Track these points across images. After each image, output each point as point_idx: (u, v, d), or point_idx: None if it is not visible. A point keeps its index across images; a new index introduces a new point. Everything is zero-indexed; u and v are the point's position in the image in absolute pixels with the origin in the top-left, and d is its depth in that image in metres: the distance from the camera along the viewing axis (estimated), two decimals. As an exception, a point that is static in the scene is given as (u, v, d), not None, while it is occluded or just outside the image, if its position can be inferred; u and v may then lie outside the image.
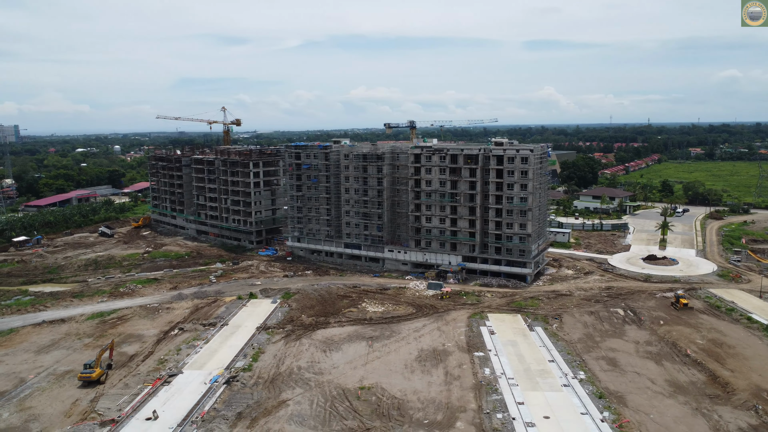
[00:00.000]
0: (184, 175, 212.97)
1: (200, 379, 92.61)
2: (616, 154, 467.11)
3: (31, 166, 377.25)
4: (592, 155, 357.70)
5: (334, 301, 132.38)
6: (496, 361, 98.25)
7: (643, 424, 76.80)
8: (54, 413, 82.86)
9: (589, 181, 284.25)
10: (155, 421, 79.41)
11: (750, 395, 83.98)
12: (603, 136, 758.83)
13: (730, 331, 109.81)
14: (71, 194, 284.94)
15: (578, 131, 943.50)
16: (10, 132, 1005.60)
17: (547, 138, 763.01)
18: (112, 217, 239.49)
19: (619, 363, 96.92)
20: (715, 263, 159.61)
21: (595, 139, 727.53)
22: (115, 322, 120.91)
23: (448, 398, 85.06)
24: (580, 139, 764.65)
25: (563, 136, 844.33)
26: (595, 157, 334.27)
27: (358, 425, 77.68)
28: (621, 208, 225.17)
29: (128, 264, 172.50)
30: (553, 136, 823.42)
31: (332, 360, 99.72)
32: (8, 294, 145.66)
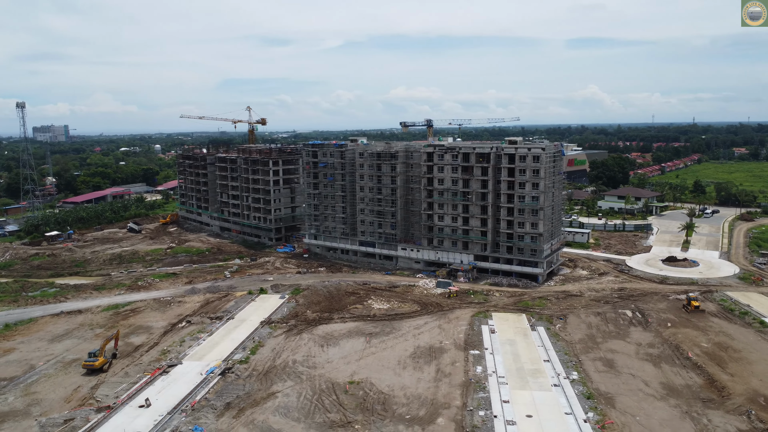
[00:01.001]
0: (209, 173, 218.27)
1: (198, 369, 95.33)
2: (654, 154, 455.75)
3: (72, 165, 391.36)
4: (623, 155, 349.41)
5: (341, 298, 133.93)
6: (491, 359, 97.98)
7: (627, 425, 75.63)
8: (55, 398, 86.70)
9: (619, 181, 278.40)
10: (147, 409, 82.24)
11: (746, 400, 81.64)
12: (644, 136, 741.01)
13: (739, 335, 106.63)
14: (106, 191, 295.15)
15: (620, 130, 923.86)
16: (61, 132, 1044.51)
17: (586, 137, 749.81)
18: (142, 214, 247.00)
19: (615, 364, 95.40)
20: (738, 266, 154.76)
21: (636, 139, 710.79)
22: (128, 314, 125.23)
23: (434, 395, 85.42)
24: (620, 138, 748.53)
25: (603, 135, 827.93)
26: (626, 156, 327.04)
27: (341, 418, 78.82)
28: (647, 209, 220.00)
29: (151, 259, 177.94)
30: (592, 136, 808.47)
31: (328, 355, 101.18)
32: (35, 286, 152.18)
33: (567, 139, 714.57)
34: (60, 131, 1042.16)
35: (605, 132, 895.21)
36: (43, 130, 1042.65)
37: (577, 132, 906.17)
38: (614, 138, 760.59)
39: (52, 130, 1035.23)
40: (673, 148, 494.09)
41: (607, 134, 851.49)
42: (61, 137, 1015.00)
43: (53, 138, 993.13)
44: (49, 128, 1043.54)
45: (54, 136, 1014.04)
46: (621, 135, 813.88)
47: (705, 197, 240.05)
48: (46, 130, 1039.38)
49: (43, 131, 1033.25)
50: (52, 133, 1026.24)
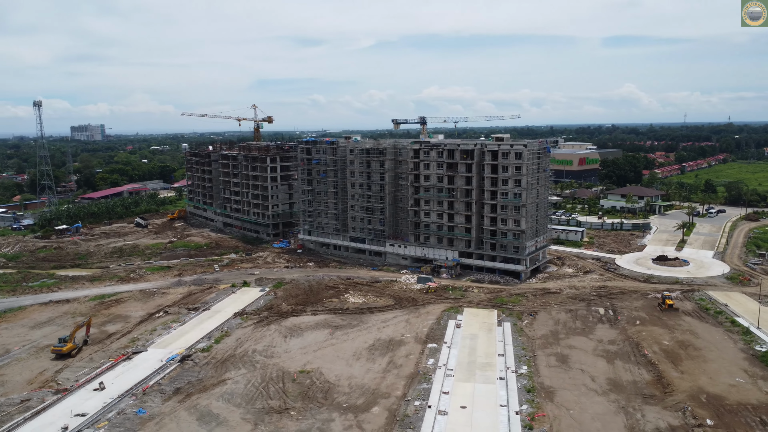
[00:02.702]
0: (213, 170, 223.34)
1: (160, 357, 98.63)
2: (677, 154, 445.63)
3: (98, 162, 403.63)
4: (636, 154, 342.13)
5: (319, 292, 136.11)
6: (446, 352, 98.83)
7: (557, 418, 75.83)
8: (20, 380, 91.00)
9: (630, 180, 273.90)
10: (101, 392, 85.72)
11: (687, 397, 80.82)
12: (674, 135, 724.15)
13: (705, 334, 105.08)
14: (123, 188, 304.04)
15: (651, 130, 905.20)
16: (97, 131, 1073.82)
17: (615, 137, 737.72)
18: (153, 210, 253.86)
19: (569, 360, 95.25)
20: (730, 266, 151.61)
21: (666, 138, 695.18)
22: (111, 304, 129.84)
23: (378, 385, 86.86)
24: (650, 138, 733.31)
25: (634, 135, 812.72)
26: (639, 155, 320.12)
27: (280, 405, 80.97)
28: (649, 208, 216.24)
29: (150, 252, 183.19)
30: (622, 135, 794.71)
31: (288, 345, 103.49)
32: (37, 276, 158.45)
33: (595, 138, 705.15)
34: (96, 130, 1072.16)
35: (636, 131, 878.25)
36: (80, 129, 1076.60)
37: (608, 131, 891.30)
38: (644, 138, 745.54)
39: (89, 129, 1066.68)
40: (698, 147, 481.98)
41: (638, 134, 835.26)
42: (98, 136, 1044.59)
43: (90, 137, 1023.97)
44: (87, 127, 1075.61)
45: (91, 135, 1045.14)
46: (652, 134, 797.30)
47: (716, 197, 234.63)
48: (83, 129, 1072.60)
49: (81, 130, 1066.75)
50: (89, 132, 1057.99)
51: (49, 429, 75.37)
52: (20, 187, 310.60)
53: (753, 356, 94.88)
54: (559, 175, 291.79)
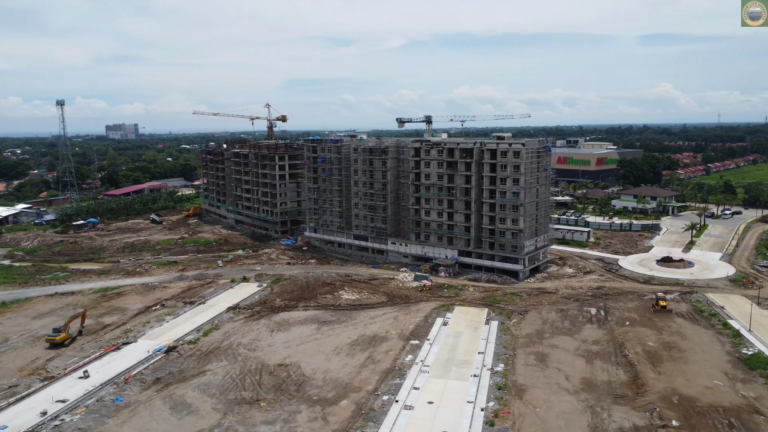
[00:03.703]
0: (226, 168, 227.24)
1: (148, 348, 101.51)
2: (704, 154, 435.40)
3: (124, 160, 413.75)
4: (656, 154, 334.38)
5: (315, 288, 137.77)
6: (426, 349, 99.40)
7: (522, 416, 75.85)
8: (12, 368, 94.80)
9: (649, 181, 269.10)
10: (85, 380, 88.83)
11: (659, 398, 79.89)
12: (707, 136, 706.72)
13: (694, 335, 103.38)
14: (145, 185, 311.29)
15: (684, 130, 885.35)
16: (131, 130, 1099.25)
17: (646, 137, 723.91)
18: (170, 207, 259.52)
19: (548, 359, 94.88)
20: (736, 268, 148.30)
21: (698, 139, 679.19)
22: (112, 297, 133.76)
23: (352, 379, 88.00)
24: (681, 138, 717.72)
25: (666, 135, 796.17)
26: (658, 156, 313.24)
27: (252, 396, 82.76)
28: (661, 209, 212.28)
29: (160, 248, 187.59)
30: (653, 135, 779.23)
31: (273, 339, 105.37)
32: (50, 270, 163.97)
33: (625, 139, 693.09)
34: (130, 129, 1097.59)
35: (668, 132, 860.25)
36: (115, 128, 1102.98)
37: (638, 132, 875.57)
38: (676, 138, 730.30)
39: (123, 128, 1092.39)
40: (728, 148, 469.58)
41: (669, 134, 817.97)
42: (131, 135, 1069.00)
43: (124, 136, 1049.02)
44: (121, 126, 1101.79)
45: (125, 134, 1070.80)
46: (685, 135, 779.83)
47: (734, 198, 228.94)
48: (117, 128, 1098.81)
49: (115, 129, 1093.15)
50: (123, 131, 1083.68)
51: (29, 414, 78.54)
52: (47, 184, 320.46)
53: (738, 359, 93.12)
54: (575, 175, 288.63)
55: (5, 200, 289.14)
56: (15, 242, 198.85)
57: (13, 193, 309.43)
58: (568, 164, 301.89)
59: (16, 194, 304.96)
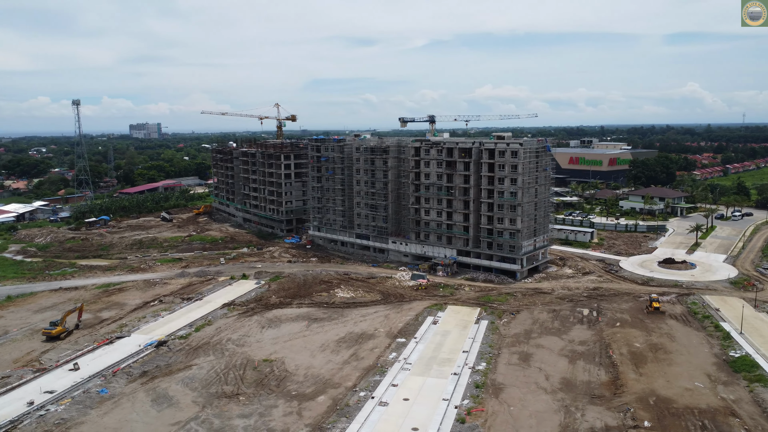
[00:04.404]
0: (235, 166, 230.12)
1: (139, 342, 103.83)
2: (724, 155, 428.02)
3: (142, 159, 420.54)
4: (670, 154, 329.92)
5: (311, 286, 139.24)
6: (412, 347, 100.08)
7: (495, 414, 76.18)
8: (8, 359, 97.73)
9: (661, 182, 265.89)
10: (75, 372, 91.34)
11: (635, 399, 79.58)
12: (731, 136, 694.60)
13: (683, 337, 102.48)
14: (159, 183, 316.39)
15: (708, 130, 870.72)
16: (154, 129, 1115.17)
17: (668, 138, 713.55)
18: (181, 205, 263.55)
19: (532, 358, 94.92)
20: (738, 270, 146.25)
21: (722, 139, 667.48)
22: (114, 292, 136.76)
23: (333, 375, 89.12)
24: (704, 139, 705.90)
25: (689, 135, 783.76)
26: (672, 156, 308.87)
27: (232, 390, 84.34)
28: (669, 210, 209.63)
29: (167, 245, 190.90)
30: (675, 136, 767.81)
31: (262, 335, 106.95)
32: (59, 265, 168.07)
33: (646, 139, 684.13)
34: (153, 129, 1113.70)
35: (692, 132, 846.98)
36: (138, 127, 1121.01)
37: (661, 132, 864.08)
38: (699, 138, 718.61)
39: (147, 127, 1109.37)
40: (749, 148, 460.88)
41: (693, 134, 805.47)
42: (155, 134, 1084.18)
43: (147, 135, 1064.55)
44: (144, 126, 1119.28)
45: (148, 133, 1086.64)
46: (708, 135, 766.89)
47: (746, 200, 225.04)
48: (141, 127, 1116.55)
49: (139, 129, 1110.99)
50: (147, 130, 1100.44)
51: (17, 403, 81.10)
52: (66, 182, 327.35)
53: (724, 361, 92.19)
54: (587, 176, 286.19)
55: (25, 197, 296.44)
56: (29, 238, 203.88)
57: (32, 191, 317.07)
58: (580, 164, 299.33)
59: (35, 192, 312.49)
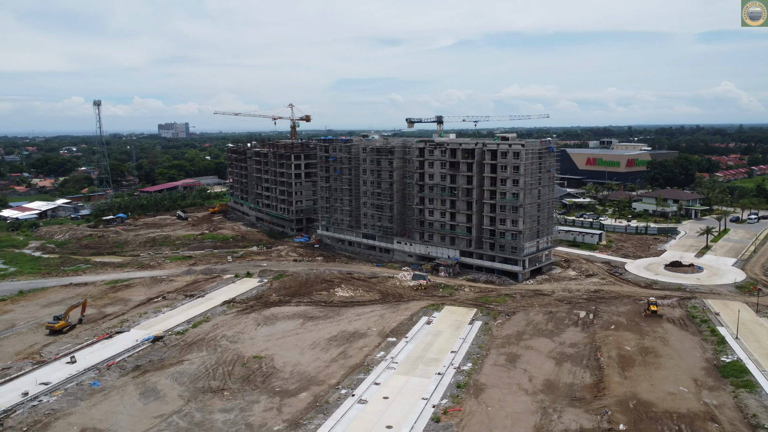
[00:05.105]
0: (248, 166, 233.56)
1: (137, 337, 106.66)
2: (751, 156, 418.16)
3: (166, 158, 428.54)
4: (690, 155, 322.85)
5: (312, 285, 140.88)
6: (401, 347, 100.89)
7: (471, 414, 76.63)
8: (11, 351, 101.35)
9: (680, 183, 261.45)
10: (71, 365, 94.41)
11: (615, 402, 79.20)
12: (763, 137, 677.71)
13: (677, 341, 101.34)
14: (178, 182, 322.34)
15: (740, 131, 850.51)
16: (182, 129, 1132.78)
17: (697, 138, 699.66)
18: (198, 204, 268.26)
19: (518, 360, 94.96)
20: (747, 274, 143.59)
21: (754, 140, 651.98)
22: (120, 288, 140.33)
23: (318, 373, 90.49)
24: (735, 139, 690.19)
25: (719, 136, 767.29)
26: (692, 157, 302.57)
27: (218, 386, 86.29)
28: (682, 212, 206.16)
29: (180, 243, 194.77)
30: (705, 136, 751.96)
31: (256, 332, 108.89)
32: (74, 261, 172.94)
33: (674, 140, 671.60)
34: (181, 128, 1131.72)
35: (723, 133, 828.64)
36: (167, 127, 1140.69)
37: (690, 132, 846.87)
38: (729, 139, 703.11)
39: (175, 127, 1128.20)
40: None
41: (724, 135, 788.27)
42: (182, 134, 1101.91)
43: (175, 134, 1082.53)
44: (172, 126, 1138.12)
45: (176, 132, 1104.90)
46: (739, 136, 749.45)
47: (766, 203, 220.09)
48: (169, 127, 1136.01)
49: (167, 128, 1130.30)
50: (175, 130, 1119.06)
51: (12, 394, 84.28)
52: (90, 181, 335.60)
53: (714, 366, 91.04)
54: (604, 177, 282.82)
55: (50, 195, 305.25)
56: (49, 235, 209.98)
57: (57, 189, 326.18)
58: (598, 165, 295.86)
59: (60, 190, 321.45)
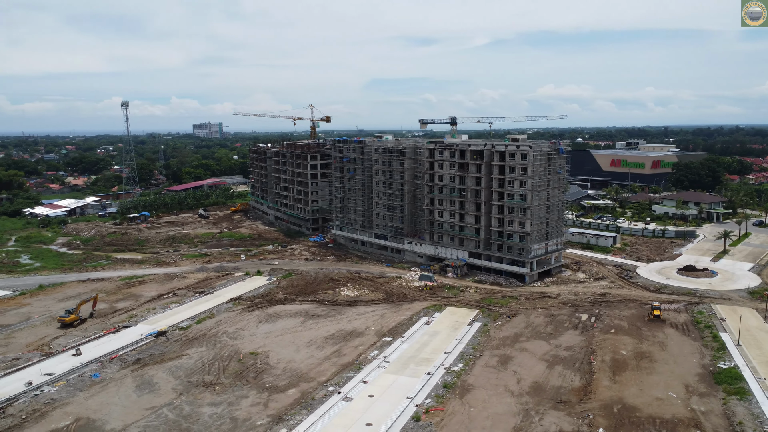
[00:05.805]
0: (268, 166, 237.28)
1: (143, 332, 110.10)
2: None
3: (195, 158, 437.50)
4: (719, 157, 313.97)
5: (319, 283, 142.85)
6: (396, 346, 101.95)
7: (453, 414, 77.25)
8: (22, 343, 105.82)
9: (706, 186, 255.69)
10: (77, 357, 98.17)
11: (600, 406, 78.84)
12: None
13: (675, 347, 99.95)
14: (204, 182, 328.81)
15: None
16: (216, 129, 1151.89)
17: (734, 140, 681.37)
18: (220, 203, 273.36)
19: (510, 362, 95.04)
20: (763, 279, 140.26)
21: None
22: (134, 284, 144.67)
23: (309, 370, 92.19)
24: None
25: (759, 137, 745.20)
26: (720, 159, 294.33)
27: (211, 380, 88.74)
28: (703, 215, 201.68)
29: (198, 241, 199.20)
30: (743, 137, 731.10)
31: (257, 329, 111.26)
32: (96, 258, 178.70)
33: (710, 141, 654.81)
34: (215, 128, 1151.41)
35: (763, 133, 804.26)
36: (201, 127, 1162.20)
37: (728, 133, 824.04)
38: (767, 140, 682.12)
39: (209, 127, 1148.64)
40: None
41: (764, 135, 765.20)
42: (216, 134, 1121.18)
43: (209, 134, 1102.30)
44: (206, 125, 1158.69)
45: (210, 132, 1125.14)
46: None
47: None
48: (203, 127, 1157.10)
49: (201, 128, 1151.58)
50: (208, 129, 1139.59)
51: (17, 383, 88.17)
52: (120, 179, 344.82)
53: (710, 372, 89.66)
54: (626, 178, 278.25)
55: (81, 193, 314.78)
56: (76, 232, 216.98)
57: (89, 187, 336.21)
58: (622, 167, 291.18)
59: (91, 188, 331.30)
